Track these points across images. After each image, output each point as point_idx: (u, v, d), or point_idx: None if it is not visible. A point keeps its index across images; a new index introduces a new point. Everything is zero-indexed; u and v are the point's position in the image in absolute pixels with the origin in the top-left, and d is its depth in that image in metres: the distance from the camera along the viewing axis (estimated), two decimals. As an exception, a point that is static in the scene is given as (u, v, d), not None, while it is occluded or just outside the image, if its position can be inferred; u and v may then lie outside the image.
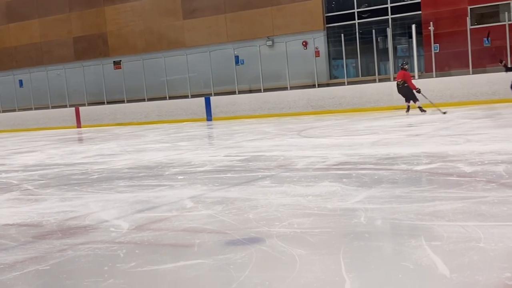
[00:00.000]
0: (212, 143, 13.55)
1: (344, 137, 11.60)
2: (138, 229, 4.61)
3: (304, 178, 6.54)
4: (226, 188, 6.26)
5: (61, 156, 11.97)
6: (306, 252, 3.65)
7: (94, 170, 8.77)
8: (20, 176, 8.85)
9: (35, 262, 3.87)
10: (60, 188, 7.22)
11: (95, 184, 7.31)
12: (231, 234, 4.25)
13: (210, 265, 3.55)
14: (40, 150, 13.90)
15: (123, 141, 14.78)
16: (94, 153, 12.05)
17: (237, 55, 23.43)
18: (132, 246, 4.14)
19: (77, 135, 20.13)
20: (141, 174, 7.97)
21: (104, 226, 4.86)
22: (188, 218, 4.91)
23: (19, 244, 4.45)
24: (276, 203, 5.23)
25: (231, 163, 8.45)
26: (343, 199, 5.20)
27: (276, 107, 21.58)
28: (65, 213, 5.55)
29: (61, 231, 4.78)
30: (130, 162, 9.52)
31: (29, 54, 27.67)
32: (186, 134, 15.70)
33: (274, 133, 13.79)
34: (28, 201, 6.48)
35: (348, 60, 23.07)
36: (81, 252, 4.06)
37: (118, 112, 24.18)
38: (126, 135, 17.36)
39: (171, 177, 7.46)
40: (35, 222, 5.24)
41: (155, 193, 6.31)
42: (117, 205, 5.75)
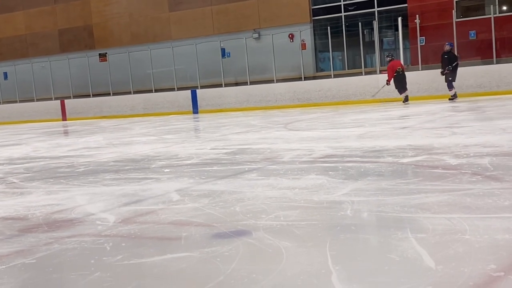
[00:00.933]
0: (198, 136, 13.53)
1: (330, 130, 11.63)
2: (125, 222, 4.60)
3: (290, 171, 6.56)
4: (212, 181, 6.26)
5: (46, 149, 11.89)
6: (293, 244, 3.67)
7: (80, 163, 8.73)
8: (5, 169, 8.78)
9: (21, 256, 3.85)
10: (46, 181, 7.18)
11: (81, 177, 7.28)
12: (218, 227, 4.25)
13: (197, 258, 3.56)
14: (26, 143, 13.80)
15: (109, 134, 14.71)
16: (80, 146, 11.99)
17: (223, 47, 23.37)
18: (119, 239, 4.13)
19: (62, 128, 20.00)
20: (127, 167, 7.95)
21: (91, 219, 4.84)
22: (175, 211, 4.90)
23: (5, 237, 4.42)
24: (262, 196, 5.24)
25: (217, 156, 8.45)
26: (330, 191, 5.22)
27: (262, 100, 21.58)
28: (51, 206, 5.53)
29: (47, 224, 4.75)
30: (116, 155, 9.49)
31: (13, 46, 27.41)
32: (172, 127, 15.66)
33: (261, 126, 13.79)
34: (13, 194, 6.44)
35: (334, 53, 23.09)
36: (67, 245, 4.04)
37: (104, 105, 24.05)
38: (112, 128, 17.29)
39: (157, 170, 7.44)
40: (20, 216, 5.21)
41: (142, 186, 6.29)
42: (104, 198, 5.73)
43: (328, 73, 22.30)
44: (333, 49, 22.28)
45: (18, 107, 26.37)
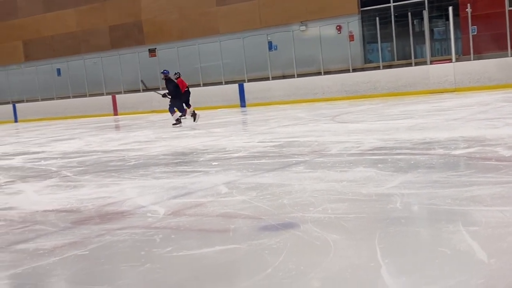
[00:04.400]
0: (246, 129, 13.57)
1: (379, 122, 11.48)
2: (174, 215, 4.66)
3: (338, 163, 6.51)
4: (260, 174, 6.27)
5: (98, 143, 12.15)
6: (341, 237, 3.65)
7: (131, 157, 8.88)
8: (59, 163, 9.01)
9: (74, 247, 3.95)
10: (98, 174, 7.33)
11: (132, 170, 7.40)
12: (265, 219, 4.26)
13: (245, 250, 3.58)
14: (79, 138, 14.13)
15: (159, 128, 14.91)
16: (130, 140, 12.19)
17: (270, 40, 23.35)
18: (168, 231, 4.19)
19: (114, 122, 20.40)
20: (176, 160, 8.04)
21: (141, 211, 4.92)
22: (223, 203, 4.94)
23: (58, 229, 4.54)
24: (310, 188, 5.22)
25: (265, 149, 8.46)
26: (379, 184, 5.16)
27: (309, 92, 21.47)
28: (103, 199, 5.65)
29: (99, 216, 4.86)
30: (166, 149, 9.61)
31: (66, 43, 28.04)
32: (220, 121, 15.76)
33: (308, 118, 13.74)
34: (67, 187, 6.60)
35: (383, 44, 22.76)
36: (118, 237, 4.12)
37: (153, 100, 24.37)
38: (161, 122, 17.52)
39: (205, 163, 7.51)
40: (74, 208, 5.34)
41: (190, 179, 6.36)
42: (153, 191, 5.82)
43: (376, 64, 22.00)
44: (382, 40, 21.97)
45: (71, 103, 26.99)
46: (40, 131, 18.55)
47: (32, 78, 28.22)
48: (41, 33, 28.45)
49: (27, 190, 6.69)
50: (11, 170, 8.66)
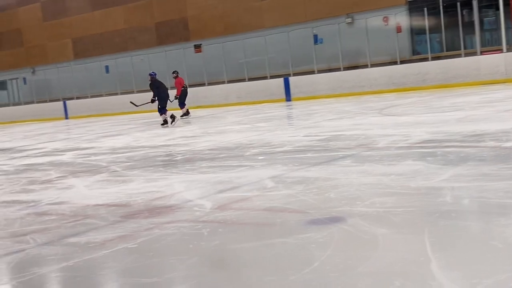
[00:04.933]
0: (291, 123, 13.54)
1: (428, 115, 11.28)
2: (221, 209, 4.69)
3: (386, 157, 6.43)
4: (306, 168, 6.25)
5: (146, 138, 12.32)
6: (389, 231, 3.60)
7: (178, 152, 8.98)
8: (108, 158, 9.18)
9: (124, 241, 4.02)
10: (146, 169, 7.44)
11: (179, 165, 7.49)
12: (312, 213, 4.25)
13: (291, 244, 3.57)
14: (127, 134, 14.37)
15: (204, 123, 15.03)
16: (177, 135, 12.32)
17: (315, 34, 23.19)
18: (216, 225, 4.22)
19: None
20: (222, 155, 8.09)
21: (188, 205, 4.97)
22: (269, 197, 4.94)
23: (109, 223, 4.63)
24: (357, 182, 5.17)
25: (310, 143, 8.42)
26: (428, 177, 5.07)
27: (356, 85, 21.25)
28: (151, 193, 5.73)
29: (148, 210, 4.93)
30: (212, 144, 9.68)
31: (114, 41, 28.52)
32: (265, 115, 15.77)
33: (354, 112, 13.61)
34: (116, 182, 6.72)
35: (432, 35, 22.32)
36: (167, 230, 4.18)
37: (199, 95, 24.56)
38: (207, 117, 17.65)
39: (251, 157, 7.52)
40: (123, 202, 5.43)
41: (236, 173, 6.39)
42: (200, 186, 5.87)
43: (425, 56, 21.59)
44: (430, 31, 21.55)
45: (119, 99, 27.41)
46: (90, 127, 18.94)
47: (82, 75, 28.82)
48: (89, 31, 29.01)
49: (78, 185, 6.84)
50: (62, 166, 8.87)
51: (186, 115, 18.19)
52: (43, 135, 17.29)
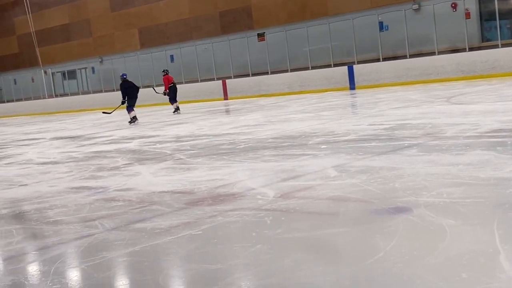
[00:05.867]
0: (355, 112, 13.38)
1: (498, 103, 10.90)
2: (284, 197, 4.69)
3: (454, 146, 6.26)
4: (370, 157, 6.16)
5: (209, 127, 12.45)
6: (457, 222, 3.51)
7: (241, 140, 9.03)
8: (173, 146, 9.34)
9: (188, 227, 4.09)
10: (209, 157, 7.52)
11: (242, 153, 7.53)
12: (376, 203, 4.19)
13: (355, 234, 3.54)
14: (191, 122, 14.56)
15: (267, 112, 15.05)
16: (240, 124, 12.40)
17: (381, 21, 22.77)
18: (278, 213, 4.22)
19: (224, 106, 20.82)
20: (285, 143, 8.08)
21: (251, 193, 5.00)
22: (332, 186, 4.90)
23: (173, 210, 4.71)
24: (423, 172, 5.06)
25: (375, 132, 8.30)
26: (497, 168, 4.90)
27: (422, 73, 20.77)
28: (215, 181, 5.79)
29: (212, 198, 4.99)
30: (275, 132, 9.68)
31: (178, 30, 28.87)
32: (328, 104, 15.64)
33: (421, 100, 13.30)
34: (180, 169, 6.83)
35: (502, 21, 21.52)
36: (230, 218, 4.21)
37: (262, 84, 24.61)
38: (270, 106, 17.67)
39: (314, 146, 7.48)
40: (187, 190, 5.52)
41: (299, 162, 6.37)
42: (263, 174, 5.89)
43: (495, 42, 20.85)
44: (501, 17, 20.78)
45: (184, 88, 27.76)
46: (155, 115, 19.30)
47: (147, 64, 29.37)
48: (155, 21, 29.48)
49: (144, 172, 6.99)
50: (129, 153, 9.09)
51: (176, 110, 18.83)
52: (111, 123, 17.75)
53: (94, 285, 3.17)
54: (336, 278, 2.86)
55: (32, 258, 3.89)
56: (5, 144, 13.79)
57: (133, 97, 16.74)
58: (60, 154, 10.13)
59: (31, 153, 10.97)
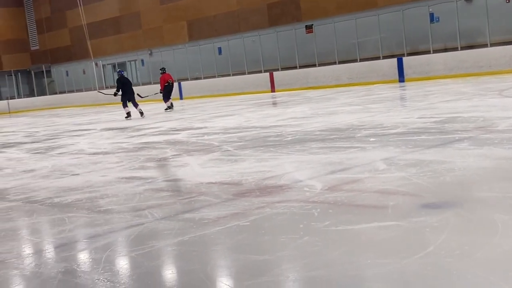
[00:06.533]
0: (404, 105, 13.18)
1: (553, 96, 10.58)
2: (331, 190, 4.67)
3: (506, 140, 6.10)
4: (420, 150, 6.07)
5: (257, 119, 12.48)
6: (509, 217, 3.43)
7: (288, 133, 9.03)
8: (220, 138, 9.40)
9: (236, 218, 4.12)
10: (257, 149, 7.55)
11: (289, 145, 7.52)
12: (426, 197, 4.13)
13: (404, 228, 3.50)
14: (238, 114, 14.63)
15: (315, 104, 14.98)
16: (287, 116, 12.38)
17: (432, 12, 22.34)
18: (326, 205, 4.21)
19: (271, 99, 20.83)
20: (332, 136, 8.04)
21: (299, 185, 5.00)
22: (381, 180, 4.85)
23: (221, 201, 4.75)
24: (475, 166, 4.96)
25: (425, 125, 8.16)
26: (553, 163, 4.76)
27: (474, 65, 20.29)
28: (262, 172, 5.81)
29: (259, 189, 5.01)
30: (322, 125, 9.64)
31: (226, 22, 28.98)
32: (377, 96, 15.45)
33: (472, 93, 13.00)
34: (228, 161, 6.88)
35: (559, 11, 20.82)
36: (278, 210, 4.22)
37: (309, 76, 24.50)
38: (317, 98, 17.58)
39: (362, 139, 7.41)
40: (235, 181, 5.55)
41: (347, 154, 6.32)
42: (310, 166, 5.87)
43: (550, 34, 20.23)
44: (558, 7, 20.13)
45: (231, 80, 27.95)
46: (203, 107, 19.47)
47: (196, 57, 29.61)
48: (204, 13, 29.66)
49: (192, 163, 7.07)
50: (177, 144, 9.20)
51: (169, 108, 19.42)
52: (159, 114, 18.00)
53: (143, 274, 3.23)
54: (385, 272, 2.83)
55: (84, 246, 3.99)
56: (57, 134, 14.15)
57: (127, 93, 17.68)
58: (111, 144, 10.34)
59: (82, 143, 11.23)
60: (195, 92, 28.46)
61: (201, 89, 28.54)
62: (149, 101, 27.74)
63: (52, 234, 4.40)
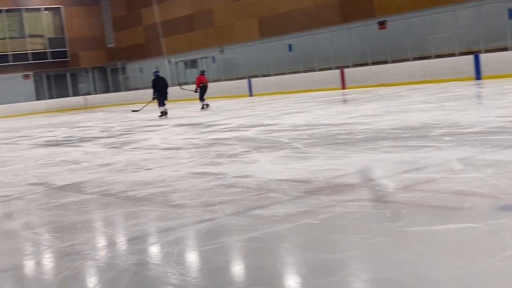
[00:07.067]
0: (481, 103, 12.75)
1: None
2: (405, 189, 4.56)
3: None
4: (498, 150, 5.84)
5: (327, 116, 12.38)
6: None
7: (359, 130, 8.90)
8: (290, 135, 9.38)
9: (306, 216, 4.09)
10: (327, 147, 7.48)
11: (360, 143, 7.41)
12: (505, 199, 3.97)
13: (482, 230, 3.37)
14: (308, 111, 14.56)
15: (387, 102, 14.71)
16: (358, 113, 12.22)
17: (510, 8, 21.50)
18: (399, 206, 4.11)
19: (341, 96, 20.62)
20: (405, 134, 7.86)
21: (371, 185, 4.91)
22: (457, 180, 4.70)
23: (291, 198, 4.73)
24: (558, 168, 4.72)
25: (503, 124, 7.86)
26: None
27: (556, 63, 19.39)
28: (333, 170, 5.74)
29: (330, 187, 4.96)
30: (394, 123, 9.45)
31: (298, 19, 28.85)
32: (452, 94, 15.00)
33: (555, 91, 12.42)
34: (298, 158, 6.85)
35: None
36: (348, 208, 4.16)
37: (381, 73, 24.07)
38: (389, 95, 17.26)
39: (437, 138, 7.21)
40: (304, 178, 5.52)
41: (421, 154, 6.17)
42: (382, 165, 5.76)
43: None
44: None
45: (300, 77, 27.83)
46: (272, 104, 19.49)
47: (266, 54, 29.69)
48: (275, 10, 29.66)
49: (262, 159, 7.08)
50: (247, 141, 9.24)
51: (203, 108, 20.30)
52: (229, 111, 18.16)
53: (214, 268, 3.25)
54: (460, 275, 2.74)
55: (156, 239, 4.06)
56: (131, 129, 14.52)
57: (163, 94, 18.59)
58: (182, 140, 10.51)
59: (155, 138, 11.47)
60: (265, 89, 28.54)
61: (270, 86, 28.59)
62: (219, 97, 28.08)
63: (126, 227, 4.51)
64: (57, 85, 39.29)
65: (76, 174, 7.49)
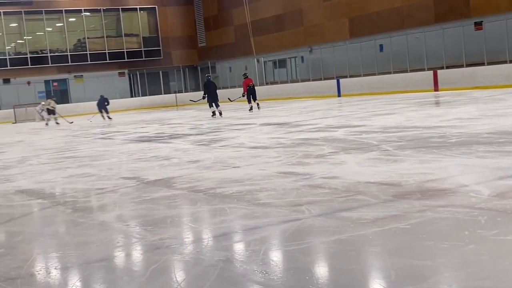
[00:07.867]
0: None
1: None
2: (500, 197, 4.36)
3: None
4: None
5: (418, 119, 12.06)
6: None
7: (452, 134, 8.61)
8: (379, 137, 9.20)
9: (395, 220, 3.99)
10: (418, 150, 7.28)
11: (454, 148, 7.17)
12: None
13: None
14: (399, 113, 14.24)
15: (482, 105, 14.14)
16: (452, 116, 11.81)
17: None
18: (494, 213, 3.94)
19: (434, 98, 20.02)
20: (502, 139, 7.52)
21: (464, 190, 4.73)
22: (559, 189, 4.44)
23: (380, 201, 4.64)
24: None
25: None
26: None
27: None
28: (424, 175, 5.58)
29: (420, 192, 4.82)
30: (490, 127, 9.06)
31: (390, 19, 28.28)
32: (554, 98, 14.21)
33: None
34: (387, 161, 6.71)
35: None
36: (440, 214, 4.03)
37: (477, 75, 23.18)
38: (485, 98, 16.57)
39: (537, 144, 6.85)
40: (394, 182, 5.39)
41: (519, 160, 5.88)
42: (477, 170, 5.54)
43: None
44: None
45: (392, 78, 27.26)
46: (362, 105, 19.22)
47: (356, 54, 29.32)
48: (366, 10, 29.23)
49: (350, 161, 6.99)
50: (334, 142, 9.15)
51: (251, 110, 21.27)
52: (317, 111, 18.07)
53: (299, 268, 3.24)
54: (562, 291, 2.58)
55: (243, 237, 4.09)
56: (220, 128, 14.76)
57: (212, 95, 20.38)
58: (269, 139, 10.56)
59: (243, 137, 11.60)
60: (354, 90, 28.20)
61: (360, 86, 28.21)
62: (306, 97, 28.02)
63: (214, 223, 4.58)
64: (150, 83, 40.62)
65: (166, 169, 7.70)
